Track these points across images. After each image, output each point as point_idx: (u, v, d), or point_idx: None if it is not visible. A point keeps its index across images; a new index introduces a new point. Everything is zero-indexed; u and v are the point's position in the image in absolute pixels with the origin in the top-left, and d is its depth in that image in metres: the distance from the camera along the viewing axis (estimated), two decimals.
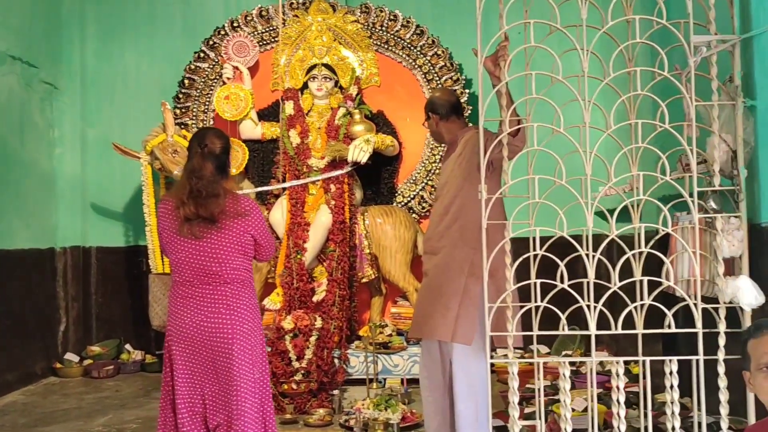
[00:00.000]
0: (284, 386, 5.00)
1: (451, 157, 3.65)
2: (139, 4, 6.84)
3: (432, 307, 3.51)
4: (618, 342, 5.59)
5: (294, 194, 5.88)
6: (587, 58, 2.98)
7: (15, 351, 5.75)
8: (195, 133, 3.38)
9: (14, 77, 5.91)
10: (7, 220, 5.71)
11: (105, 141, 6.46)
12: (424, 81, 6.29)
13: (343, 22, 6.33)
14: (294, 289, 5.67)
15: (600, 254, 2.98)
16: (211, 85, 6.32)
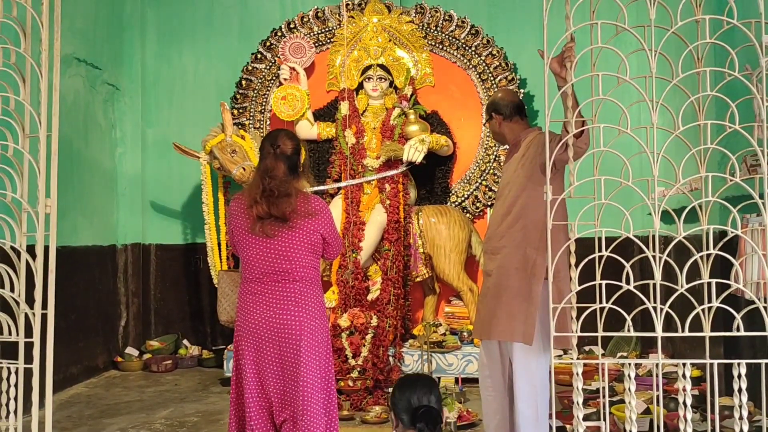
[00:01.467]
0: (340, 383, 5.07)
1: (514, 158, 3.66)
2: (198, 7, 6.98)
3: (496, 307, 3.52)
4: (674, 344, 5.52)
5: (349, 194, 5.95)
6: (655, 58, 2.96)
7: (78, 345, 5.93)
8: (267, 135, 3.45)
9: (80, 79, 6.10)
10: (71, 218, 5.88)
11: (164, 141, 6.63)
12: (478, 81, 6.31)
13: (398, 22, 6.37)
14: (349, 287, 5.74)
15: (666, 255, 2.96)
16: (268, 85, 6.43)
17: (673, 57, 3.05)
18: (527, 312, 3.44)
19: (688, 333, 2.93)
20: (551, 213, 2.99)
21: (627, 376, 2.98)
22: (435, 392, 2.76)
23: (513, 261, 3.50)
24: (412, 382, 2.77)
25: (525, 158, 3.54)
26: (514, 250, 3.51)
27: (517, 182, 3.55)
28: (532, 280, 3.46)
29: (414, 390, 2.71)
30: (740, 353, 4.05)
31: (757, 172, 3.11)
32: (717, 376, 3.00)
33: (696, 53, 3.15)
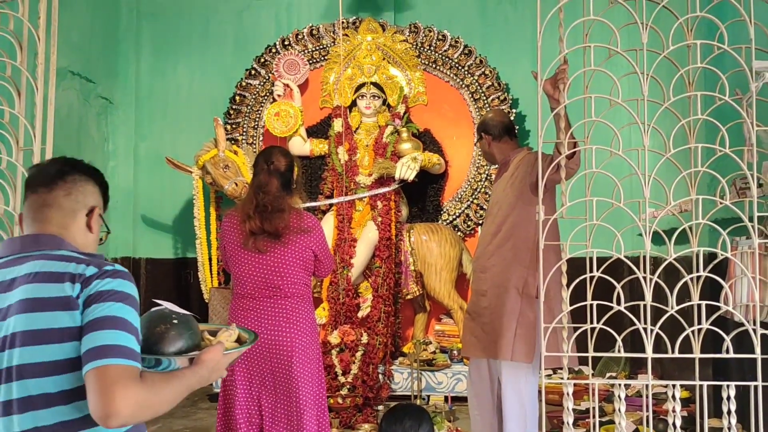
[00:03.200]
0: (330, 400, 5.05)
1: (504, 177, 3.68)
2: (193, 22, 7.01)
3: (489, 326, 3.53)
4: (663, 365, 5.54)
5: (341, 210, 5.96)
6: (647, 82, 3.00)
7: None
8: (262, 151, 3.47)
9: (74, 92, 6.11)
10: None
11: (157, 155, 6.63)
12: (471, 100, 6.35)
13: (392, 41, 6.41)
14: (340, 304, 5.73)
15: (657, 277, 2.98)
16: (261, 101, 6.45)
17: (665, 81, 3.09)
18: (523, 331, 3.45)
19: (678, 354, 2.95)
20: (543, 233, 3.01)
21: (617, 397, 2.99)
22: (425, 425, 2.61)
23: (505, 280, 3.52)
24: (401, 414, 2.64)
25: (514, 177, 3.57)
26: (504, 269, 3.53)
27: (506, 201, 3.58)
28: (524, 299, 3.48)
29: (402, 423, 2.62)
30: (729, 375, 4.07)
31: (747, 195, 3.15)
32: (706, 398, 3.01)
33: (687, 77, 3.19)
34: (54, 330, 1.54)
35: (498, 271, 3.56)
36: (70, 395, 1.55)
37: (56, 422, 1.55)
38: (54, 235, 1.71)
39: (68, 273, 1.60)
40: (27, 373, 1.54)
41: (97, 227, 1.82)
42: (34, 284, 1.59)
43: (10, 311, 1.58)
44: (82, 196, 1.77)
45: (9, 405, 1.55)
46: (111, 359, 1.49)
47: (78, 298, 1.57)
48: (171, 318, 1.74)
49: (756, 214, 2.96)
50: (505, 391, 3.55)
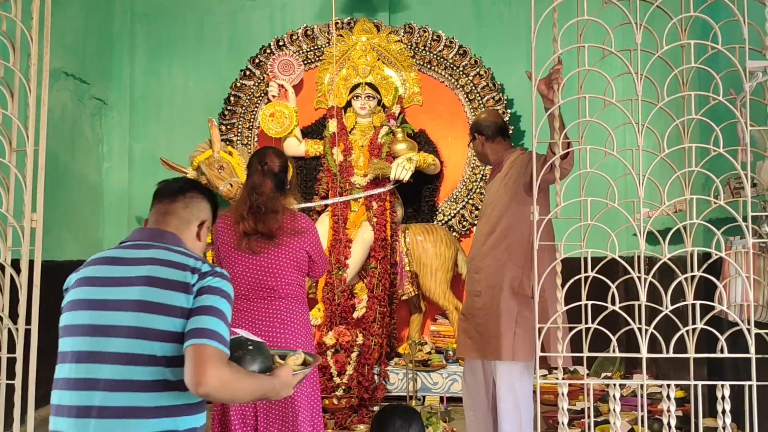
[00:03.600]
0: (325, 401, 5.04)
1: (497, 177, 3.68)
2: (187, 24, 6.99)
3: (483, 327, 3.53)
4: (658, 365, 5.54)
5: (336, 211, 5.95)
6: (641, 82, 3.00)
7: None
8: (255, 152, 3.47)
9: (67, 93, 6.08)
10: (57, 232, 5.84)
11: (151, 156, 6.61)
12: (466, 101, 6.35)
13: (387, 41, 6.41)
14: (335, 304, 5.72)
15: (651, 277, 2.99)
16: (256, 102, 6.44)
17: (659, 81, 3.10)
18: (517, 331, 3.45)
19: (673, 354, 2.95)
20: (538, 233, 3.01)
21: (612, 397, 2.99)
22: (415, 425, 2.61)
23: (499, 281, 3.52)
24: (390, 414, 2.63)
25: (508, 178, 3.57)
26: (498, 270, 3.53)
27: (500, 202, 3.58)
28: (519, 299, 3.48)
29: (392, 423, 2.61)
30: (724, 375, 4.08)
31: (741, 195, 3.16)
32: (701, 397, 3.02)
33: (681, 77, 3.20)
34: (171, 306, 1.86)
35: (492, 271, 3.56)
36: (170, 361, 1.84)
37: (154, 379, 1.83)
38: (175, 234, 2.07)
39: (189, 265, 1.93)
40: (140, 334, 1.83)
41: (205, 237, 2.18)
42: (160, 267, 1.91)
43: (135, 282, 1.89)
44: (196, 210, 2.15)
45: (117, 356, 1.83)
46: (209, 340, 1.80)
47: (194, 286, 1.89)
48: (247, 345, 2.04)
49: (750, 213, 2.97)
50: (500, 391, 3.55)
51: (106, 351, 1.85)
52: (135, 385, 1.82)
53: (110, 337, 1.86)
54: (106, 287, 1.92)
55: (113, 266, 1.96)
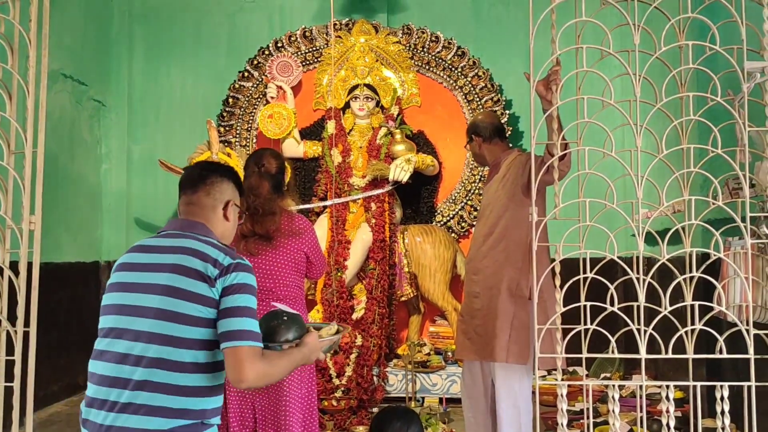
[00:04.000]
0: (324, 403, 5.04)
1: (495, 179, 3.68)
2: (186, 25, 6.99)
3: (481, 328, 3.53)
4: (657, 365, 5.55)
5: (335, 212, 5.95)
6: (639, 83, 3.00)
7: (60, 362, 5.86)
8: (252, 154, 3.46)
9: (66, 95, 6.09)
10: (55, 234, 5.84)
11: (150, 157, 6.61)
12: (464, 102, 6.35)
13: (385, 43, 6.41)
14: (334, 306, 5.72)
15: (650, 278, 2.99)
16: (254, 103, 6.44)
17: (657, 81, 3.10)
18: (512, 333, 3.45)
19: (672, 355, 2.95)
20: (536, 234, 3.01)
21: (611, 398, 2.99)
22: (414, 426, 2.63)
23: (498, 282, 3.51)
24: (390, 415, 2.65)
25: (506, 179, 3.57)
26: (496, 271, 3.53)
27: (498, 203, 3.58)
28: (517, 300, 3.48)
29: (392, 424, 2.61)
30: (723, 375, 4.08)
31: (739, 195, 3.16)
32: (700, 398, 3.02)
33: (679, 78, 3.20)
34: (195, 293, 2.02)
35: (491, 272, 3.56)
36: (193, 344, 2.00)
37: (175, 360, 1.98)
38: (204, 224, 2.22)
39: (211, 256, 2.06)
40: (163, 316, 2.00)
41: (233, 216, 2.31)
42: (187, 256, 2.06)
43: (163, 269, 2.06)
44: (219, 194, 2.27)
45: (141, 334, 2.00)
46: (242, 342, 1.98)
47: (216, 281, 2.03)
48: (282, 316, 2.26)
49: (748, 214, 2.97)
50: (499, 393, 3.55)
51: (131, 329, 2.02)
52: (157, 363, 1.98)
53: (136, 317, 2.02)
54: (138, 272, 2.10)
55: (146, 254, 2.13)
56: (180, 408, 1.99)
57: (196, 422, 2.02)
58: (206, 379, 2.03)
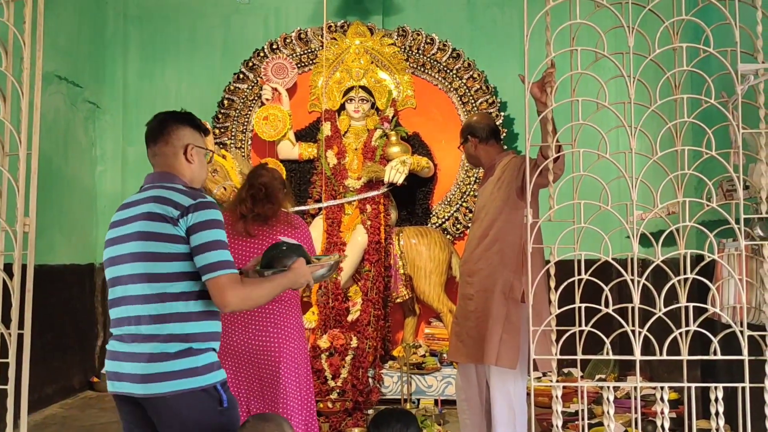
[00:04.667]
0: (320, 405, 5.03)
1: (490, 181, 3.68)
2: (181, 27, 6.99)
3: (474, 331, 3.53)
4: (652, 367, 5.56)
5: (330, 214, 5.95)
6: (634, 85, 3.01)
7: (54, 364, 5.85)
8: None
9: (60, 96, 6.07)
10: (49, 236, 5.83)
11: (145, 159, 6.44)
12: (459, 103, 6.36)
13: (381, 45, 6.42)
14: (329, 308, 5.72)
15: (644, 279, 2.99)
16: (249, 105, 6.44)
17: (651, 84, 3.11)
18: (503, 336, 3.45)
19: (666, 356, 2.96)
20: (531, 236, 3.01)
21: (606, 399, 3.00)
22: (412, 428, 2.64)
23: (492, 284, 3.51)
24: (389, 417, 2.67)
25: (501, 182, 3.57)
26: (491, 273, 3.53)
27: (493, 205, 3.58)
28: (510, 303, 3.48)
29: (390, 426, 2.62)
30: (717, 377, 4.09)
31: (733, 197, 3.17)
32: (694, 400, 3.02)
33: (673, 80, 3.21)
34: (162, 233, 2.22)
35: (485, 275, 3.56)
36: (174, 276, 2.22)
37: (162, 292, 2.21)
38: (169, 172, 2.36)
39: (172, 200, 2.24)
40: (141, 257, 2.24)
41: (198, 158, 2.41)
42: (152, 203, 2.26)
43: (136, 219, 2.27)
44: (177, 140, 2.39)
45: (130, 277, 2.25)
46: (219, 271, 2.20)
47: (178, 219, 2.22)
48: (281, 247, 2.51)
49: (742, 216, 2.98)
50: (493, 395, 3.55)
51: (122, 275, 2.28)
52: (150, 298, 2.21)
53: (122, 264, 2.28)
54: (119, 227, 2.33)
55: (124, 210, 2.36)
56: (170, 333, 2.20)
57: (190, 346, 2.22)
58: (194, 305, 2.23)
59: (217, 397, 2.24)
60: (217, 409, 2.23)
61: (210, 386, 2.22)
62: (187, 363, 2.19)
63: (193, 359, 2.20)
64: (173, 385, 2.17)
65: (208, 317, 2.27)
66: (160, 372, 2.17)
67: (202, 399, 2.21)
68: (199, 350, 2.22)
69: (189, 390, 2.18)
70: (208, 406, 2.22)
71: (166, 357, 2.18)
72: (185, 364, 2.19)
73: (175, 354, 2.18)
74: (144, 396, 2.19)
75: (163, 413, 2.20)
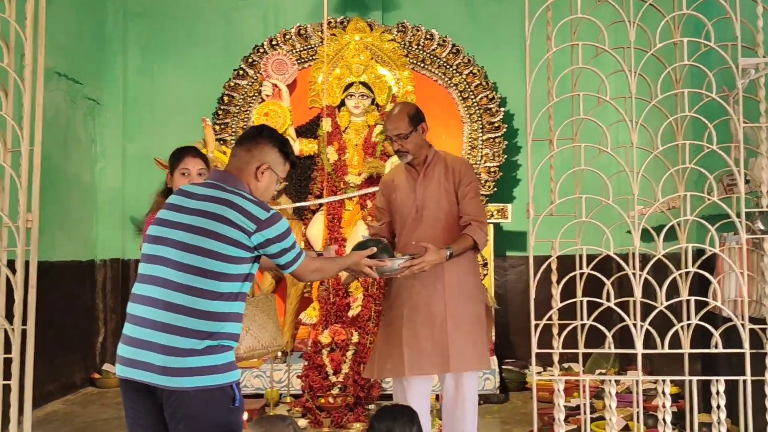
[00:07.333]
0: (321, 400, 5.04)
1: (433, 180, 3.39)
2: (180, 23, 6.98)
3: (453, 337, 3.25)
4: (652, 361, 5.57)
5: (331, 210, 5.95)
6: (635, 79, 3.02)
7: (56, 361, 5.85)
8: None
9: (60, 93, 6.06)
10: (50, 232, 5.82)
11: (145, 156, 6.58)
12: (459, 99, 6.36)
13: (380, 40, 6.41)
14: (330, 303, 5.72)
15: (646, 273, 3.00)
16: (250, 101, 6.43)
17: (652, 78, 3.12)
18: (484, 337, 3.29)
19: (668, 350, 2.97)
20: (533, 230, 3.02)
21: (607, 393, 3.01)
22: (416, 424, 2.61)
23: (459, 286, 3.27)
24: (392, 413, 2.67)
25: (449, 183, 3.34)
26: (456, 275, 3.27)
27: (447, 205, 3.34)
28: (476, 305, 3.30)
29: (394, 421, 2.62)
30: (718, 370, 4.10)
31: (734, 191, 3.18)
32: (696, 393, 3.04)
33: (674, 75, 3.22)
34: (226, 236, 2.25)
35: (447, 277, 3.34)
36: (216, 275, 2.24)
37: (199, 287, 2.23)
38: (235, 176, 2.39)
39: (247, 211, 2.28)
40: (195, 250, 2.24)
41: (266, 181, 2.43)
42: (227, 208, 2.28)
43: (198, 213, 2.29)
44: (258, 153, 2.42)
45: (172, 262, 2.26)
46: (297, 263, 2.43)
47: (254, 233, 2.27)
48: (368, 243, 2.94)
49: (743, 210, 2.99)
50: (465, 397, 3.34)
51: (166, 257, 2.28)
52: (191, 290, 2.22)
53: (168, 247, 2.28)
54: (174, 212, 2.34)
55: (185, 198, 2.36)
56: (202, 330, 2.21)
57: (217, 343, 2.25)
58: (231, 306, 2.28)
59: (231, 395, 2.27)
60: (229, 407, 2.27)
61: (227, 385, 2.26)
62: (211, 360, 2.23)
63: (215, 357, 2.24)
64: (195, 380, 2.20)
65: (237, 319, 2.32)
66: (185, 367, 2.20)
67: (218, 396, 2.25)
68: (222, 348, 2.26)
69: (208, 387, 2.22)
70: (222, 403, 2.26)
71: (182, 352, 2.20)
72: (209, 361, 2.22)
73: (201, 351, 2.21)
74: (163, 387, 2.21)
75: (180, 406, 2.23)
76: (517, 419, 5.08)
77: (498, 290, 6.43)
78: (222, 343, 2.26)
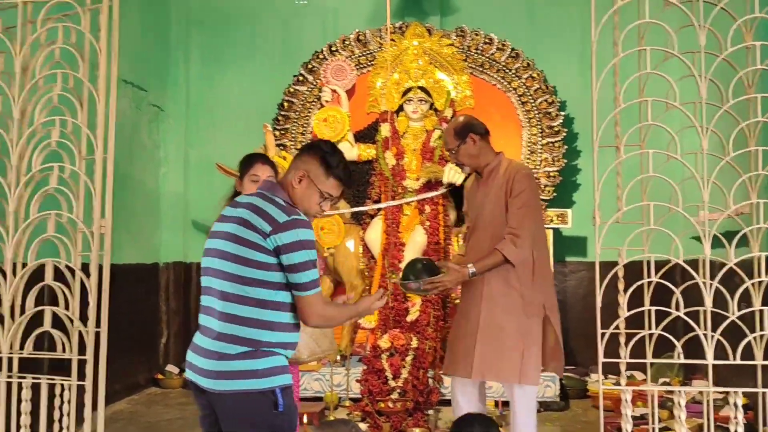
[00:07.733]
0: (381, 404, 5.06)
1: (493, 186, 3.35)
2: (241, 30, 7.10)
3: (496, 347, 3.26)
4: (718, 371, 5.43)
5: (389, 215, 5.97)
6: (705, 84, 2.96)
7: (122, 362, 5.99)
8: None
9: (126, 100, 6.22)
10: (116, 236, 5.91)
11: (206, 161, 6.71)
12: (518, 103, 6.31)
13: (439, 45, 6.41)
14: (389, 308, 5.74)
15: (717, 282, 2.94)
16: (309, 107, 6.50)
17: (722, 82, 3.05)
18: (529, 351, 3.21)
19: (740, 361, 2.90)
20: (599, 238, 2.99)
21: (677, 404, 2.96)
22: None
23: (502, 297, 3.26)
24: (470, 421, 2.70)
25: (505, 193, 3.28)
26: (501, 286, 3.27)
27: (499, 215, 3.29)
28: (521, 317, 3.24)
29: (472, 428, 2.64)
30: None
31: None
32: (756, 406, 2.96)
33: (746, 79, 3.15)
34: (251, 241, 2.28)
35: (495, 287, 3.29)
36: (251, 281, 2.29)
37: (245, 295, 2.28)
38: (278, 184, 2.44)
39: (267, 213, 2.30)
40: (231, 258, 2.30)
41: (304, 189, 2.41)
42: (250, 212, 2.33)
43: (233, 220, 2.34)
44: (301, 163, 2.44)
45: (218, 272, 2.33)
46: (306, 291, 2.31)
47: (269, 235, 2.27)
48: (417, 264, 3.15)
49: None
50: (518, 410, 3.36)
51: (212, 267, 2.37)
52: (229, 297, 2.29)
53: (213, 258, 2.37)
54: (221, 222, 2.41)
55: (232, 207, 2.42)
56: (249, 338, 2.26)
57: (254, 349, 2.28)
58: (271, 315, 2.30)
59: (273, 400, 2.29)
60: (271, 411, 2.29)
61: (267, 389, 2.28)
62: (247, 365, 2.26)
63: (253, 362, 2.27)
64: (232, 384, 2.25)
65: (281, 328, 2.33)
66: (223, 370, 2.26)
67: (256, 400, 2.28)
68: (264, 353, 2.29)
69: (245, 390, 2.26)
70: (262, 407, 2.28)
71: (228, 357, 2.26)
72: (245, 366, 2.26)
73: (236, 355, 2.26)
74: (205, 389, 2.29)
75: (220, 408, 2.31)
76: (578, 427, 5.01)
77: (557, 296, 6.34)
78: (261, 349, 2.29)
